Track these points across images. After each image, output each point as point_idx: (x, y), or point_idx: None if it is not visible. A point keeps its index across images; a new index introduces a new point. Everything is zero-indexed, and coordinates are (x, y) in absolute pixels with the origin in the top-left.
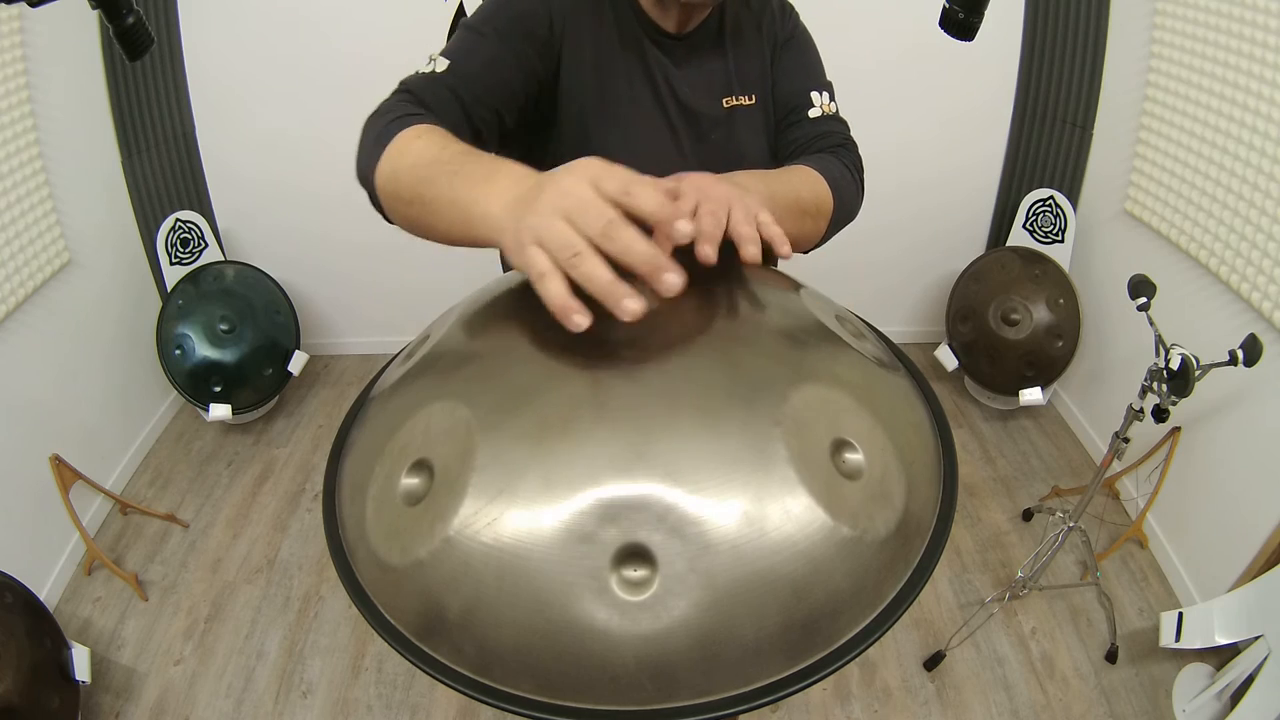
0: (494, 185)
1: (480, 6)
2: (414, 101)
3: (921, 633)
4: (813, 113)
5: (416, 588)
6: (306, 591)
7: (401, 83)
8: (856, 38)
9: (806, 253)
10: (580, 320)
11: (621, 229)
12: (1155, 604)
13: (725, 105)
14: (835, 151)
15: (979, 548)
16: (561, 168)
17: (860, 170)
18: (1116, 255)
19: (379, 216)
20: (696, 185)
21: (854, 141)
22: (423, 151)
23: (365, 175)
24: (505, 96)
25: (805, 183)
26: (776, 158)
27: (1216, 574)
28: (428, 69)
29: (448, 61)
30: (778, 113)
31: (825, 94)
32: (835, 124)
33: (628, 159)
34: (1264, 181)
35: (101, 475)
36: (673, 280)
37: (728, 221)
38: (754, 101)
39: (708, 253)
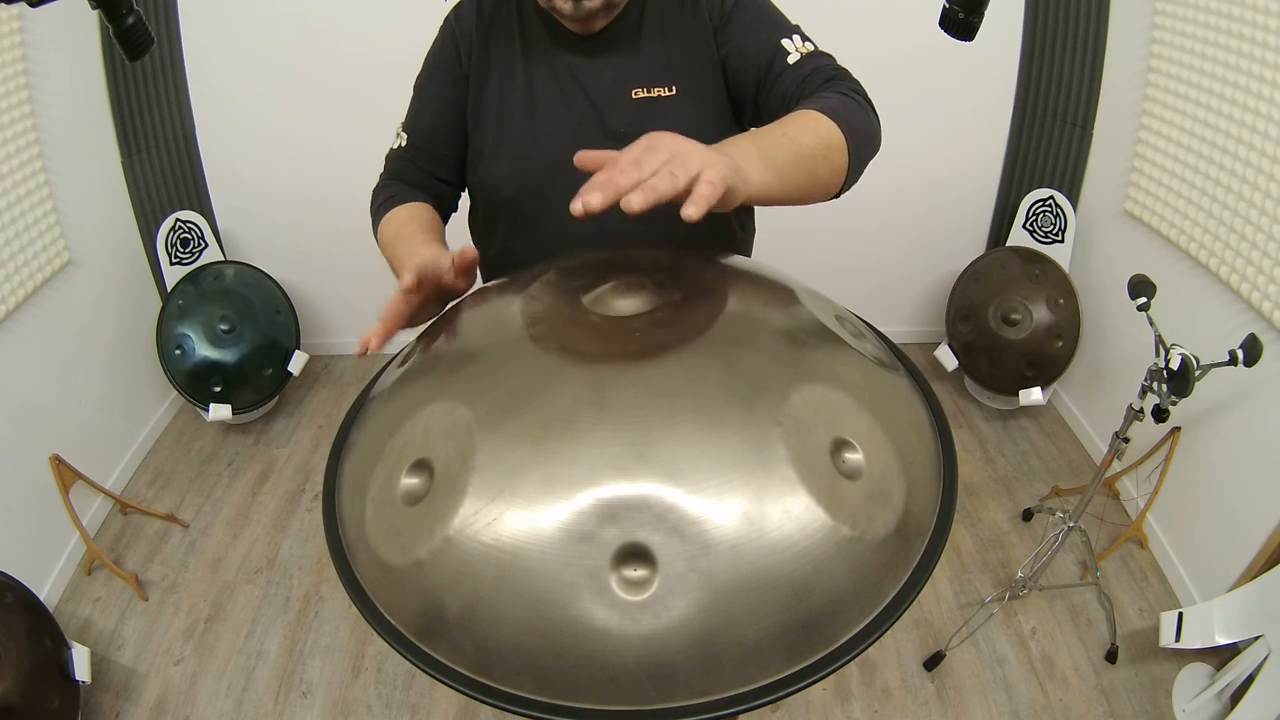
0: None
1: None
2: (393, 179)
3: (921, 633)
4: (790, 59)
5: (416, 587)
6: (306, 591)
7: (386, 159)
8: (856, 38)
9: (838, 194)
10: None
11: None
12: (1155, 604)
13: (633, 97)
14: (828, 85)
15: (979, 548)
16: None
17: (862, 94)
18: (1116, 255)
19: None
20: (647, 142)
21: (845, 70)
22: (388, 232)
23: (375, 235)
24: (451, 141)
25: (804, 127)
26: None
27: (1216, 574)
28: (395, 145)
29: (405, 136)
30: (755, 76)
31: (796, 37)
32: (819, 59)
33: (533, 160)
34: (1264, 181)
35: (101, 475)
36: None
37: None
38: (674, 92)
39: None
